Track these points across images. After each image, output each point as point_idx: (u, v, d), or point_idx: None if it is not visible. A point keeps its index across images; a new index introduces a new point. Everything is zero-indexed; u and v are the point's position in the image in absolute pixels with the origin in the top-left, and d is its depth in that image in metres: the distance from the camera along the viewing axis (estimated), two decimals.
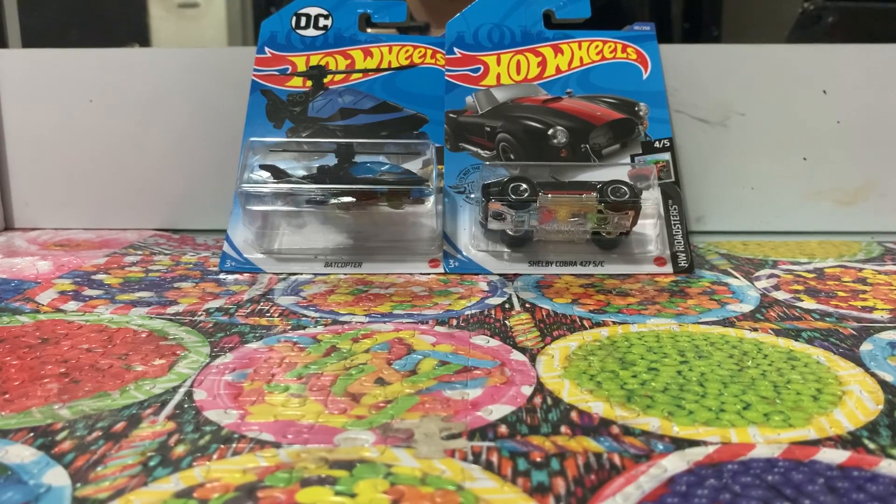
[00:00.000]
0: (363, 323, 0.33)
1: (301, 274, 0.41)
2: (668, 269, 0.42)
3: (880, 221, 0.52)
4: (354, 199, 0.41)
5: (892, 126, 0.52)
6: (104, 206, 0.54)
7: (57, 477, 0.20)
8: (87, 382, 0.27)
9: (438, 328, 0.32)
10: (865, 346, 0.30)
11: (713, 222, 0.52)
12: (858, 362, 0.29)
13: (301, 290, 0.38)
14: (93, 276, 0.41)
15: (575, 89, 0.48)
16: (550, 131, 0.46)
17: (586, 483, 0.20)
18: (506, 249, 0.42)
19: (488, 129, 0.46)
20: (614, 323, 0.33)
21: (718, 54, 0.52)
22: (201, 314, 0.34)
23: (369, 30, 0.50)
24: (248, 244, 0.43)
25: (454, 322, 0.33)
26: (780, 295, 0.37)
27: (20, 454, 0.22)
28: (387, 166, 0.43)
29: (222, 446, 0.22)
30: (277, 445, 0.22)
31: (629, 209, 0.40)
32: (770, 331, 0.32)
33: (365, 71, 0.49)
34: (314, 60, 0.49)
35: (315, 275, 0.41)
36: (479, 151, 0.46)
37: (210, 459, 0.21)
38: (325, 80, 0.48)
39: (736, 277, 0.41)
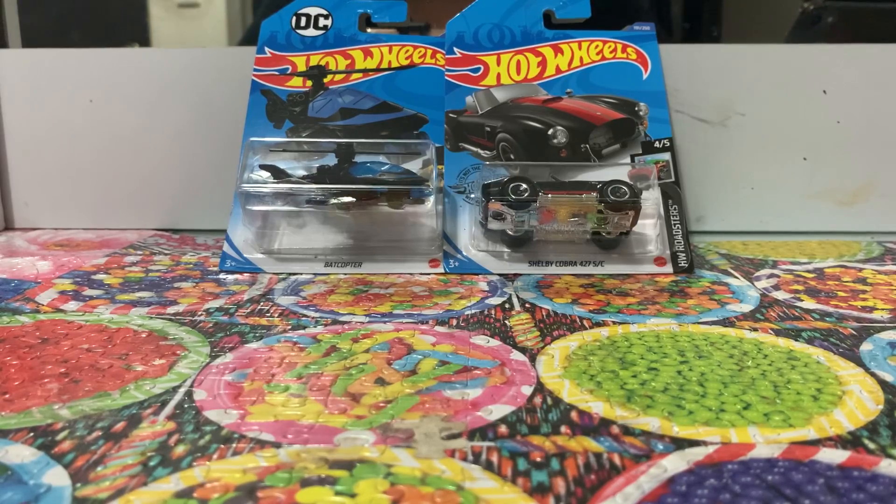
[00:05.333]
0: (363, 323, 0.33)
1: (301, 274, 0.41)
2: (668, 269, 0.42)
3: (880, 221, 0.52)
4: (354, 199, 0.41)
5: (892, 126, 0.52)
6: (104, 206, 0.54)
7: (57, 477, 0.20)
8: (87, 382, 0.27)
9: (438, 328, 0.32)
10: (865, 346, 0.30)
11: (713, 222, 0.52)
12: (858, 362, 0.29)
13: (301, 290, 0.38)
14: (93, 276, 0.41)
15: (575, 89, 0.48)
16: (550, 131, 0.46)
17: (586, 483, 0.20)
18: (506, 249, 0.42)
19: (488, 129, 0.46)
20: (614, 323, 0.33)
21: (718, 54, 0.52)
22: (201, 314, 0.34)
23: (369, 30, 0.50)
24: (248, 244, 0.43)
25: (454, 322, 0.33)
26: (780, 295, 0.37)
27: (20, 454, 0.22)
28: (387, 166, 0.43)
29: (222, 446, 0.22)
30: (277, 445, 0.22)
31: (629, 209, 0.40)
32: (770, 331, 0.32)
33: (365, 71, 0.49)
34: (314, 60, 0.49)
35: (315, 275, 0.41)
36: (479, 151, 0.46)
37: (210, 459, 0.21)
38: (325, 80, 0.48)
39: (736, 277, 0.41)
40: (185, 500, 0.19)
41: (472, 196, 0.44)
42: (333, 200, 0.41)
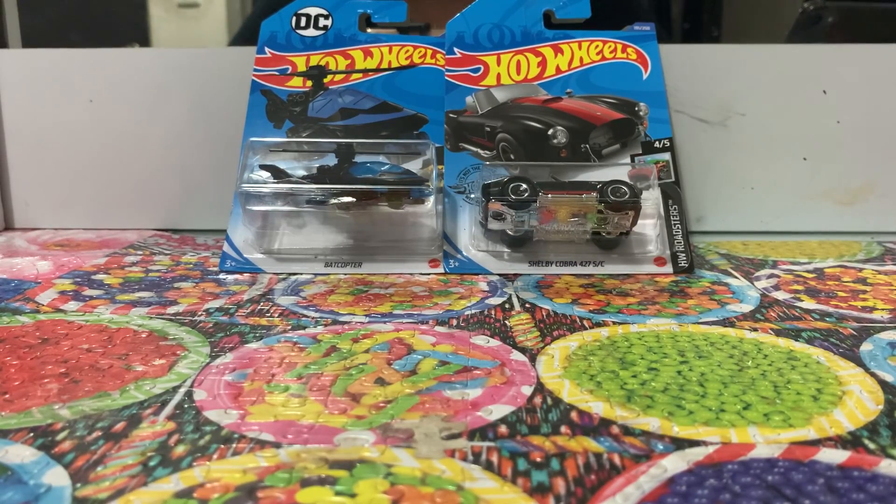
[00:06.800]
0: (363, 323, 0.33)
1: (301, 274, 0.41)
2: (668, 269, 0.42)
3: (880, 221, 0.52)
4: (354, 199, 0.41)
5: (892, 126, 0.52)
6: (104, 206, 0.54)
7: (57, 477, 0.20)
8: (87, 382, 0.27)
9: (438, 328, 0.32)
10: (865, 346, 0.30)
11: (713, 222, 0.52)
12: (858, 362, 0.29)
13: (301, 290, 0.38)
14: (93, 276, 0.41)
15: (575, 89, 0.48)
16: (550, 131, 0.46)
17: (586, 483, 0.20)
18: (506, 249, 0.42)
19: (488, 129, 0.46)
20: (614, 323, 0.33)
21: (718, 54, 0.52)
22: (201, 314, 0.34)
23: (369, 30, 0.50)
24: (248, 244, 0.43)
25: (454, 322, 0.33)
26: (780, 295, 0.37)
27: (20, 454, 0.22)
28: (387, 166, 0.43)
29: (222, 446, 0.22)
30: (277, 445, 0.22)
31: (629, 209, 0.40)
32: (770, 331, 0.32)
33: (365, 71, 0.49)
34: (314, 60, 0.49)
35: (315, 275, 0.41)
36: (479, 151, 0.46)
37: (210, 459, 0.21)
38: (325, 80, 0.48)
39: (736, 277, 0.41)
40: (185, 501, 0.19)
41: (472, 196, 0.44)
42: (333, 200, 0.41)
